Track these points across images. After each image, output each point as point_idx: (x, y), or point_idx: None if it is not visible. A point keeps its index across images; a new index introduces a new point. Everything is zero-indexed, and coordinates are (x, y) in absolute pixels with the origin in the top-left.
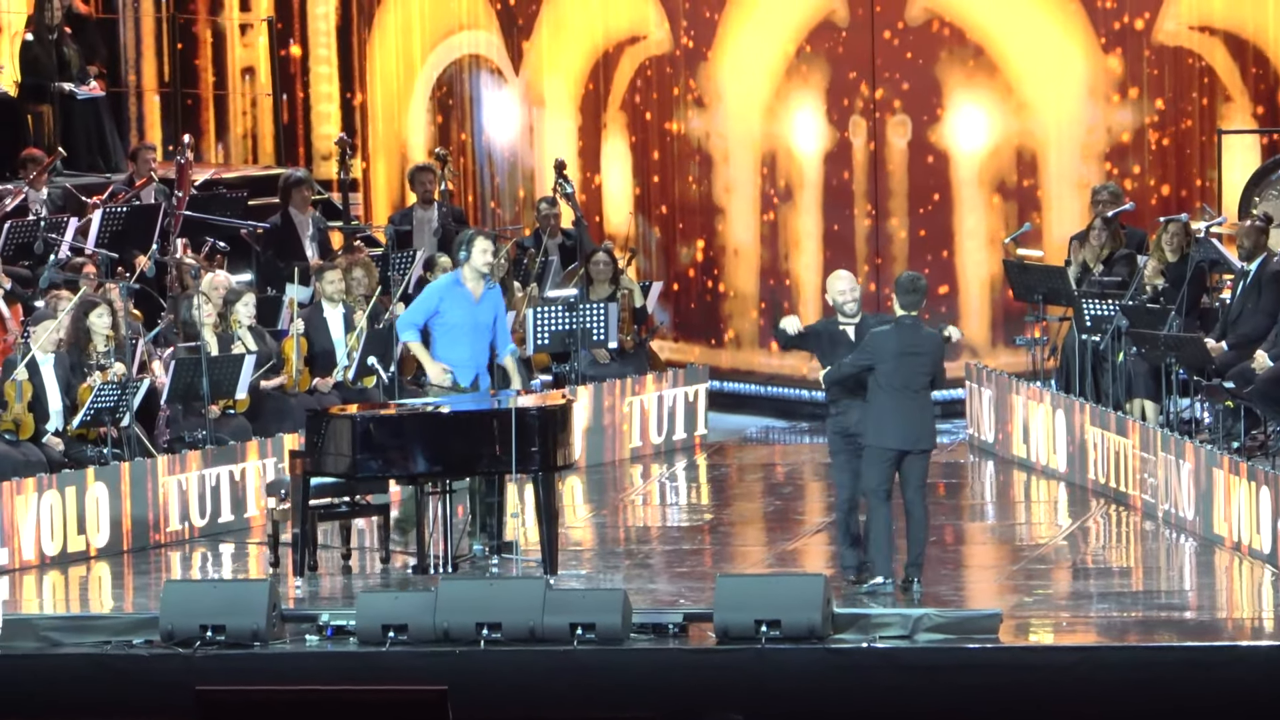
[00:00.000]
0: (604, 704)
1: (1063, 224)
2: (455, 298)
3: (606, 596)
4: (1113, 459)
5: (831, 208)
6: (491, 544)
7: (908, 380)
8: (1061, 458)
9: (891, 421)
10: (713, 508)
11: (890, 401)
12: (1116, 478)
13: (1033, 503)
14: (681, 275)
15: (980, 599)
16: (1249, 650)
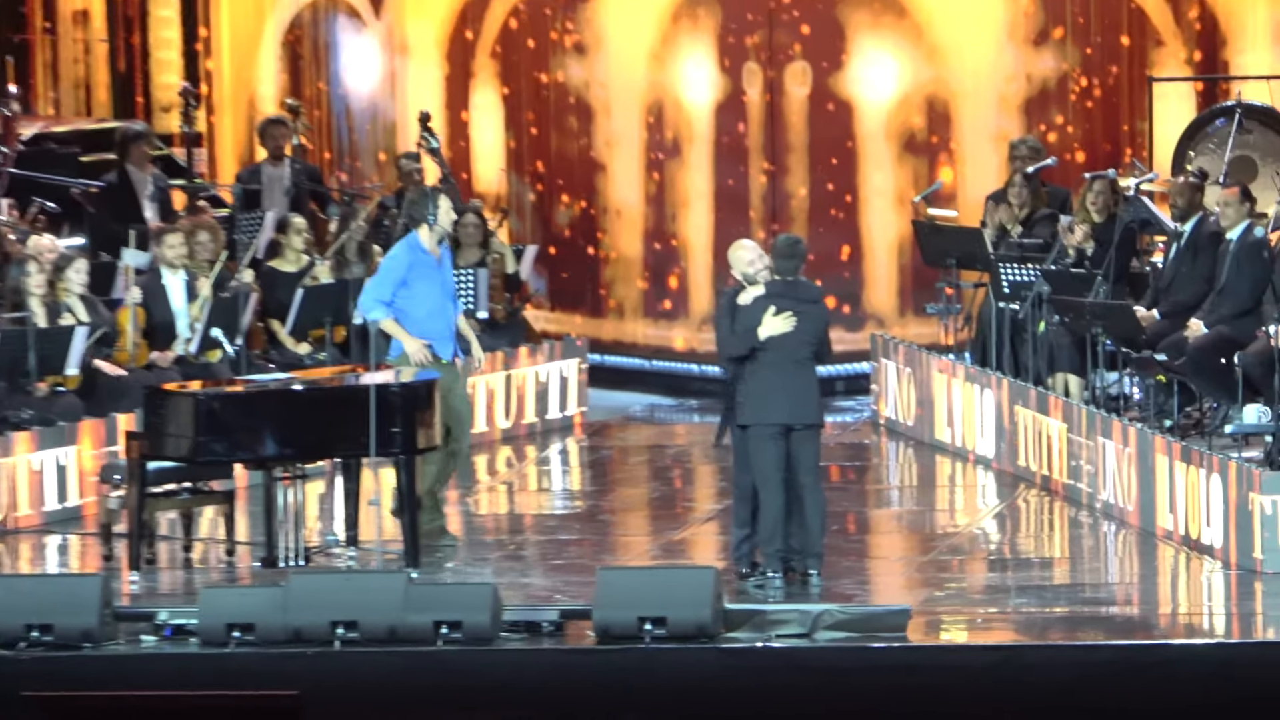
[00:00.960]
0: (472, 710)
1: (978, 181)
2: (420, 264)
3: (474, 592)
4: (1034, 440)
5: (724, 164)
6: (349, 534)
7: (789, 351)
8: (980, 438)
9: (774, 396)
10: (593, 494)
11: (771, 375)
12: (1041, 461)
13: (946, 487)
14: (559, 238)
15: (887, 593)
16: (1184, 650)
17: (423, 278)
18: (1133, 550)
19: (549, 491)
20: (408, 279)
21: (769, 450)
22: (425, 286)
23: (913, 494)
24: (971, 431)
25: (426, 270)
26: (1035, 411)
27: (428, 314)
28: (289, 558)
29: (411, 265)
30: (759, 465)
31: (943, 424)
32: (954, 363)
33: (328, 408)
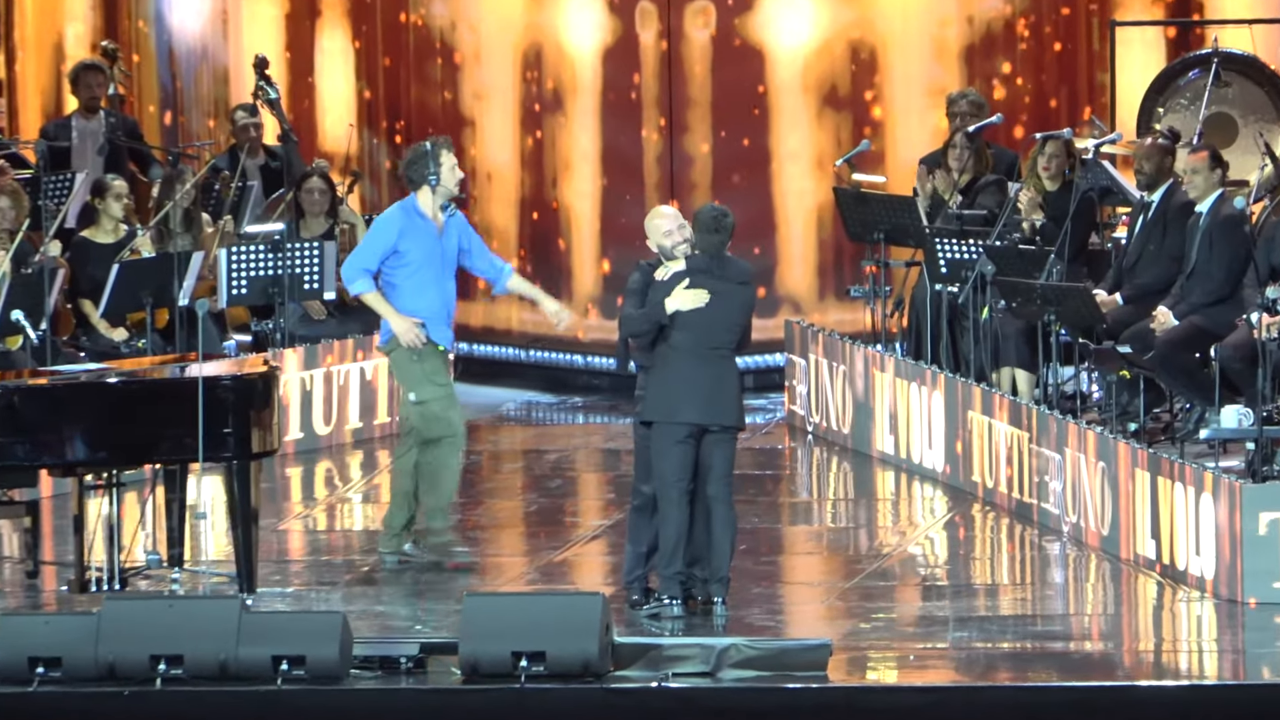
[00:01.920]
0: None
1: (910, 142)
2: (416, 231)
3: (320, 621)
4: (976, 445)
5: (613, 120)
6: (172, 552)
7: (708, 337)
8: (916, 444)
9: (686, 391)
10: (459, 507)
11: (684, 366)
12: (982, 471)
13: (873, 500)
14: None
15: (804, 625)
16: (1153, 692)
17: (417, 246)
18: (1093, 575)
19: None
20: (399, 247)
21: (675, 455)
22: (420, 257)
23: (835, 508)
24: (906, 436)
25: (422, 239)
26: (979, 414)
27: (419, 289)
28: (102, 580)
29: (404, 232)
30: (662, 471)
31: (868, 426)
32: (882, 355)
33: (148, 404)
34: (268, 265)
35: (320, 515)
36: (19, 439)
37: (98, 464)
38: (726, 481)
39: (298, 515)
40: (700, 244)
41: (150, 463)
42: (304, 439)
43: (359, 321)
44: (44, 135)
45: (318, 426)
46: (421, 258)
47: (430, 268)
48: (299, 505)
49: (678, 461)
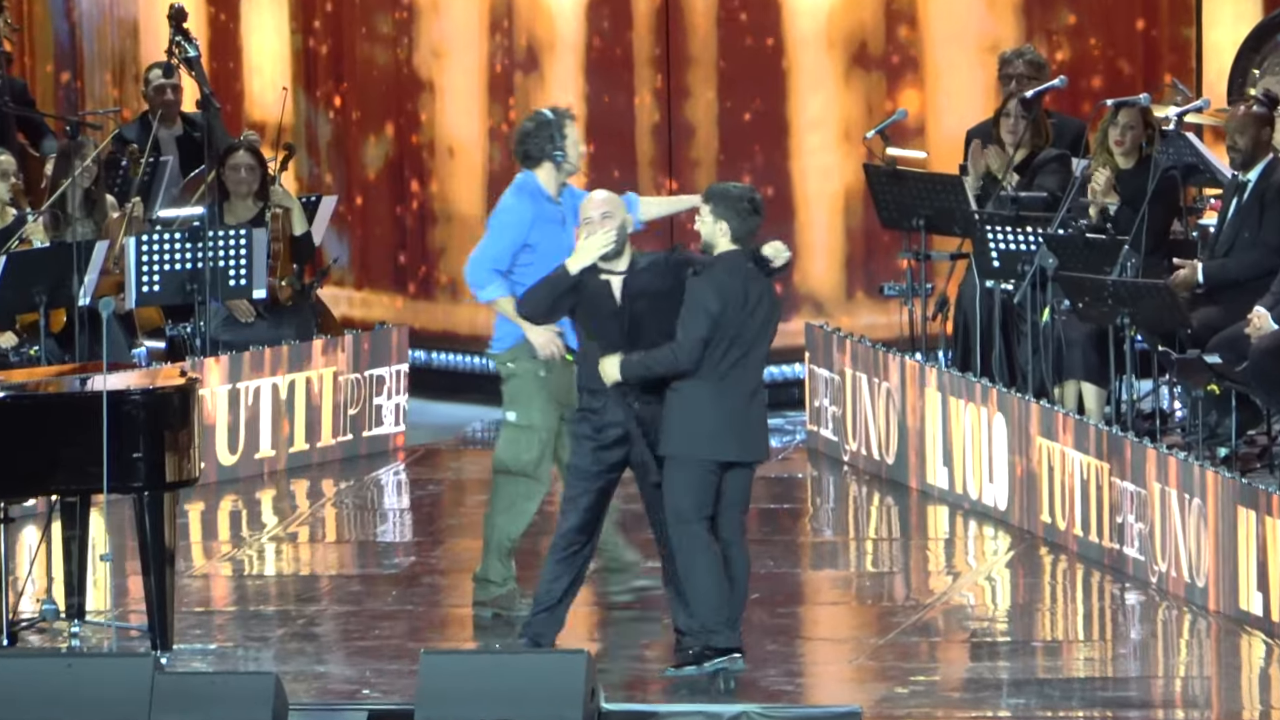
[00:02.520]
0: None
1: (956, 110)
2: (544, 218)
3: (249, 684)
4: (1040, 473)
5: (599, 82)
6: (70, 601)
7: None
8: (964, 473)
9: (719, 418)
10: (415, 546)
11: (715, 389)
12: (1045, 504)
13: (911, 540)
14: (368, 186)
15: (828, 689)
16: None
17: (548, 237)
18: (1178, 630)
19: (352, 543)
20: (530, 239)
21: (704, 492)
22: (551, 249)
23: (866, 549)
24: (953, 463)
25: (551, 227)
26: (1041, 436)
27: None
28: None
29: (534, 220)
30: (685, 507)
31: (905, 451)
32: (923, 365)
33: (41, 423)
34: (185, 257)
35: (250, 557)
36: None
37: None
38: (743, 519)
39: (222, 557)
40: (734, 230)
41: (45, 494)
42: (230, 466)
43: (293, 325)
44: None
45: (246, 451)
46: (551, 250)
47: (558, 260)
48: (224, 545)
49: (704, 498)
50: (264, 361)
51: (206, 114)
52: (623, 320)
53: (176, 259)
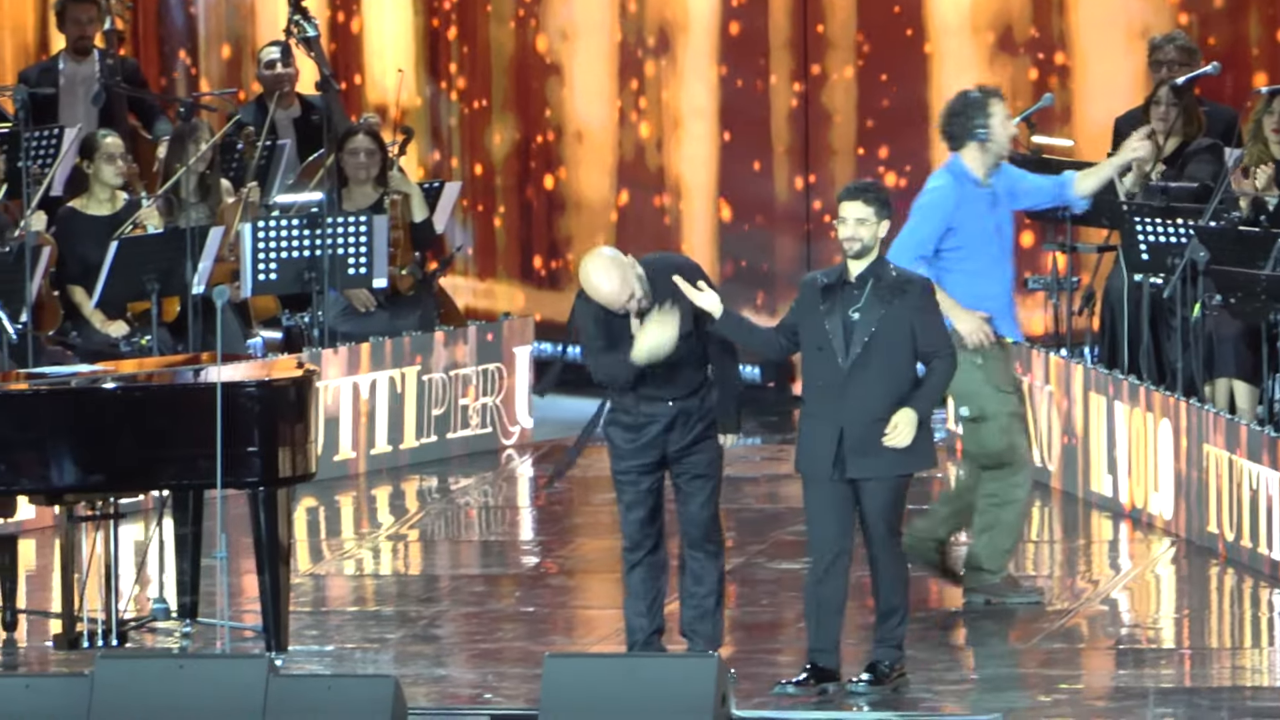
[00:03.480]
0: None
1: (1103, 96)
2: (970, 201)
3: (367, 688)
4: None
5: (734, 67)
6: (183, 600)
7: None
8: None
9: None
10: (539, 546)
11: None
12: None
13: (1057, 543)
14: (492, 172)
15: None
16: None
17: (974, 219)
18: None
19: (475, 542)
20: (954, 223)
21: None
22: (975, 233)
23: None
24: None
25: (978, 210)
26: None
27: (978, 273)
28: (96, 634)
29: (960, 202)
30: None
31: (1049, 451)
32: (1068, 362)
33: (153, 416)
34: (303, 244)
35: (367, 555)
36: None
37: (91, 489)
38: None
39: (340, 555)
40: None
41: (156, 489)
42: (345, 461)
43: (414, 315)
44: (24, 81)
45: (365, 445)
46: (977, 233)
47: (988, 244)
48: (341, 543)
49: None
50: (383, 353)
51: (325, 96)
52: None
53: (294, 246)
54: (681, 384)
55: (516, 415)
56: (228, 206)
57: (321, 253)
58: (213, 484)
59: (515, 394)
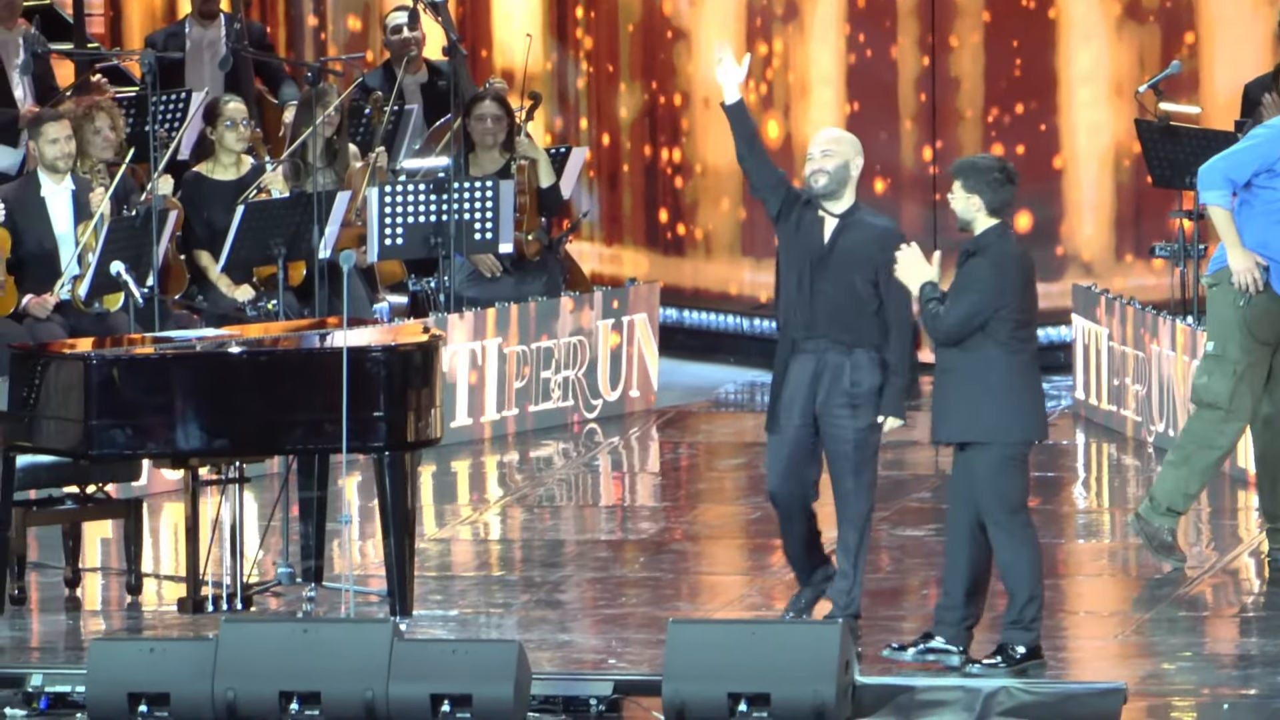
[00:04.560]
0: None
1: (1234, 63)
2: None
3: (491, 652)
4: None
5: (862, 32)
6: (307, 565)
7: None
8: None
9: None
10: (664, 512)
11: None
12: None
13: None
14: (619, 138)
15: (1091, 665)
16: None
17: None
18: None
19: (599, 508)
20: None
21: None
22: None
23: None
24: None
25: None
26: None
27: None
28: (221, 598)
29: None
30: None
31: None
32: (1195, 330)
33: (278, 380)
34: (429, 210)
35: (490, 521)
36: (119, 422)
37: (216, 454)
38: None
39: (464, 521)
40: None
41: (281, 453)
42: (471, 426)
43: (540, 281)
44: (150, 45)
45: (490, 411)
46: None
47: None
48: (466, 508)
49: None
50: (509, 319)
51: (453, 61)
52: (823, 260)
53: (420, 211)
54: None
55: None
56: (355, 171)
57: (448, 218)
58: (338, 449)
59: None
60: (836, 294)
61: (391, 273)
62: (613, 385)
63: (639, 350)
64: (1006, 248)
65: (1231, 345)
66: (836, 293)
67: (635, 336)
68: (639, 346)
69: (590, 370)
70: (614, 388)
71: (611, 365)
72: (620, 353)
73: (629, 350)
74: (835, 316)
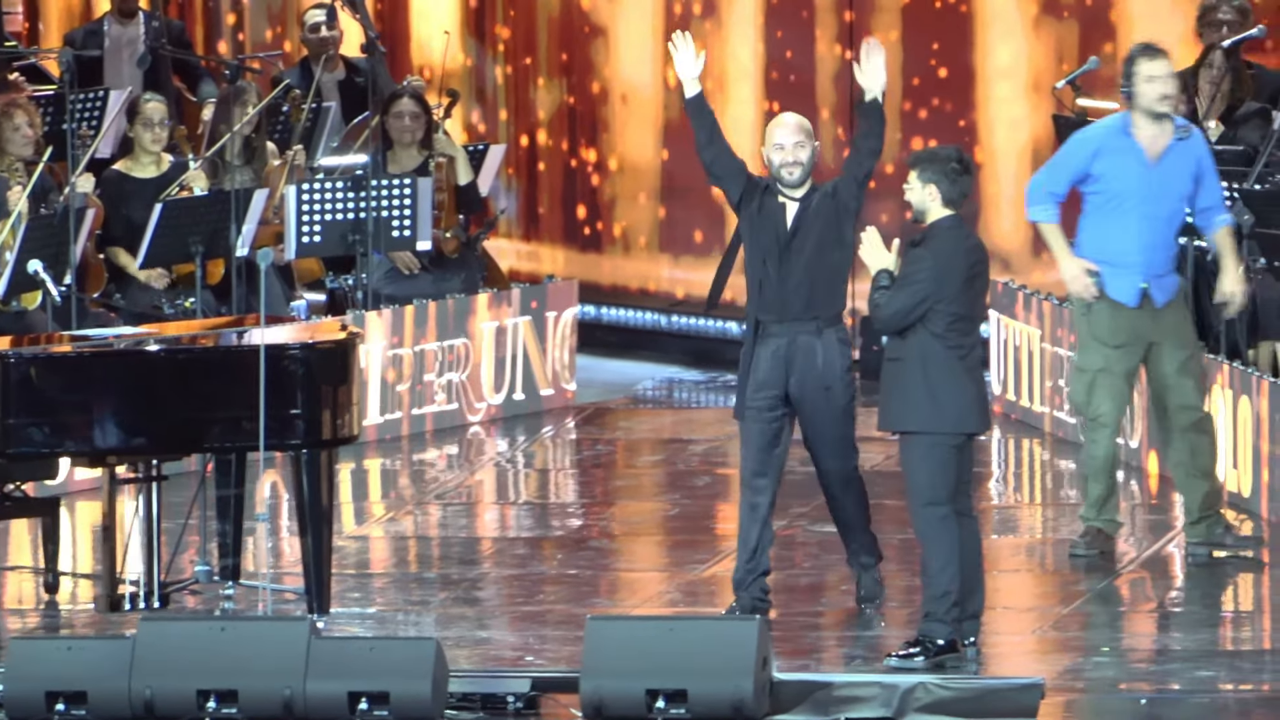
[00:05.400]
0: None
1: None
2: (1119, 151)
3: (409, 650)
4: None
5: (780, 28)
6: (225, 563)
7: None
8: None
9: (959, 389)
10: (583, 509)
11: (952, 359)
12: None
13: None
14: (537, 135)
15: (1009, 660)
16: None
17: (1119, 172)
18: None
19: (517, 505)
20: (1093, 170)
21: (952, 469)
22: (1121, 186)
23: (1050, 515)
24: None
25: (1124, 163)
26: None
27: (1108, 226)
28: (138, 597)
29: (1099, 152)
30: (938, 488)
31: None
32: None
33: (196, 378)
34: (347, 207)
35: (409, 519)
36: (36, 420)
37: (134, 452)
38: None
39: (382, 518)
40: (945, 193)
41: (199, 451)
42: (388, 423)
43: (458, 278)
44: (69, 43)
45: (406, 407)
46: (1120, 187)
47: (1129, 199)
48: (383, 506)
49: (952, 476)
50: (427, 316)
51: (371, 58)
52: (789, 244)
53: (338, 209)
54: None
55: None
56: (273, 169)
57: (366, 215)
58: (255, 446)
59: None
60: (806, 275)
61: (309, 270)
62: (531, 382)
63: (557, 347)
64: (952, 241)
65: (1085, 353)
66: (806, 274)
67: (553, 333)
68: (557, 343)
69: (509, 367)
70: (532, 384)
71: (530, 362)
72: (539, 349)
73: (547, 347)
74: (806, 298)
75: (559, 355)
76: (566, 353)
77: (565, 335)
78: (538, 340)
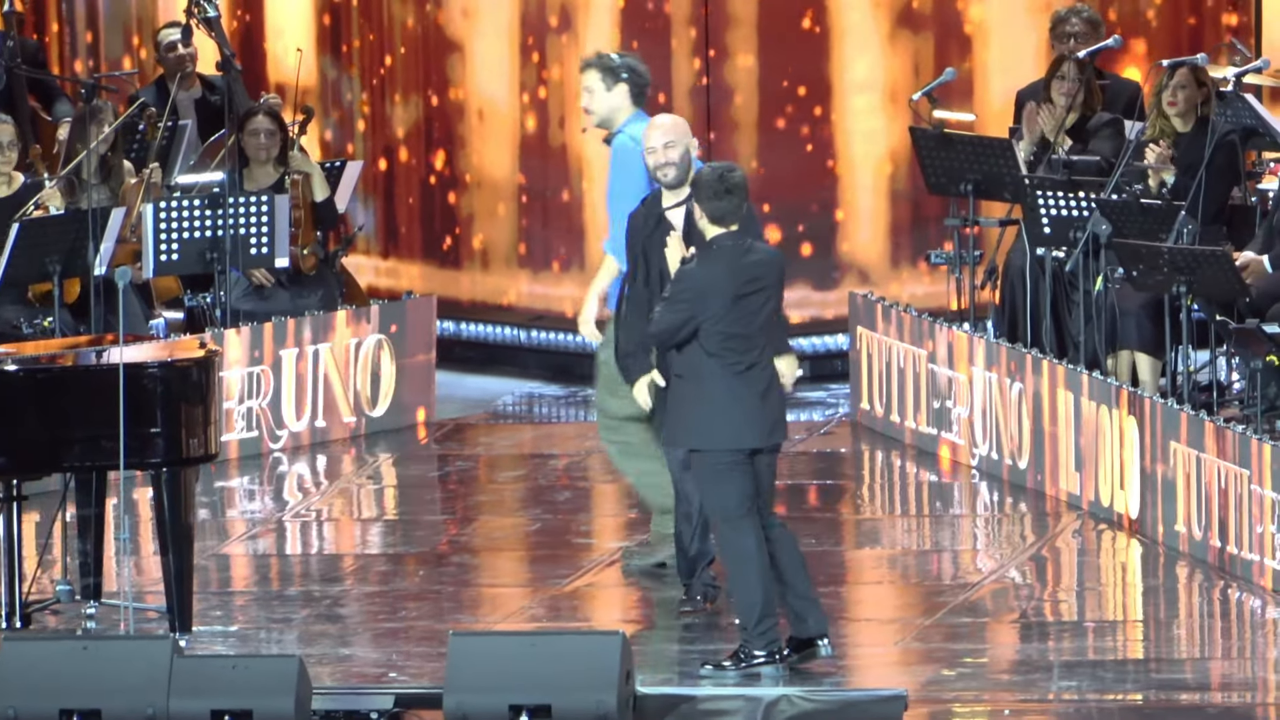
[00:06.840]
0: None
1: (1007, 70)
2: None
3: (271, 667)
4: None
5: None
6: (86, 582)
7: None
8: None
9: (732, 405)
10: (444, 525)
11: (728, 376)
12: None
13: (963, 517)
14: (394, 150)
15: (872, 672)
16: None
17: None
18: (1237, 611)
19: (379, 522)
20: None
21: (738, 483)
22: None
23: (913, 527)
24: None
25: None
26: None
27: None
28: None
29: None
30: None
31: (953, 425)
32: (971, 336)
33: (55, 397)
34: (204, 225)
35: (271, 536)
36: None
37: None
38: (772, 503)
39: (243, 536)
40: (709, 213)
41: (59, 470)
42: (249, 441)
43: (317, 295)
44: None
45: (267, 425)
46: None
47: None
48: (244, 524)
49: (741, 488)
50: (286, 332)
51: (227, 77)
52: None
53: (195, 227)
54: None
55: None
56: (130, 187)
57: (223, 233)
58: (115, 465)
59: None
60: None
61: (168, 288)
62: (389, 398)
63: (416, 363)
64: (725, 259)
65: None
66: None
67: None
68: (416, 359)
69: (367, 383)
70: (390, 400)
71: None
72: (398, 366)
73: (406, 363)
74: None
75: (419, 371)
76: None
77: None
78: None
